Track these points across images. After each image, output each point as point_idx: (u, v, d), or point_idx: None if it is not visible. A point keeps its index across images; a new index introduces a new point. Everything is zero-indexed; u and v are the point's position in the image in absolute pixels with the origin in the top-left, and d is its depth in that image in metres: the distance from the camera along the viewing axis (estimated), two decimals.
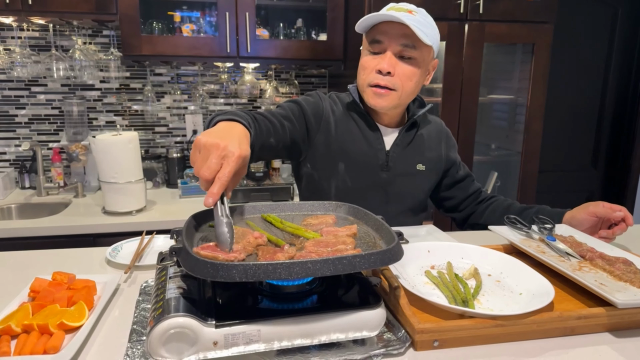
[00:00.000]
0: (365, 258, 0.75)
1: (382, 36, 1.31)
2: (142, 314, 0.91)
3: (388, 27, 1.30)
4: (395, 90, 1.34)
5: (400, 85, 1.33)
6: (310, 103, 1.43)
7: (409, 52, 1.31)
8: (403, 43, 1.30)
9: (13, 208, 2.39)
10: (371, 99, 1.36)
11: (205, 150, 0.85)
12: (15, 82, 2.58)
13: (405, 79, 1.33)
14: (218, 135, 0.88)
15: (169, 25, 2.51)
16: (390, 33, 1.30)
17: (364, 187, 1.44)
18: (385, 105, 1.36)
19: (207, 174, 0.82)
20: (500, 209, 1.52)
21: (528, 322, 0.84)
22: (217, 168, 0.83)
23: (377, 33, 1.32)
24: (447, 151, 1.56)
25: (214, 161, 0.83)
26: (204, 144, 0.85)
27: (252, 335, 0.73)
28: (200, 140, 0.86)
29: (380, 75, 1.33)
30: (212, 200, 0.81)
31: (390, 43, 1.31)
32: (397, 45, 1.31)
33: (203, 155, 0.85)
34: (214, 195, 0.81)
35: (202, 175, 0.82)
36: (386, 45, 1.32)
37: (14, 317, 0.83)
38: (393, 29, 1.30)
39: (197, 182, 2.46)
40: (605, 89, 3.36)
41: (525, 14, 2.44)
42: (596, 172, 3.49)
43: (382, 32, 1.31)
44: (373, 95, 1.35)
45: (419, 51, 1.32)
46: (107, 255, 1.21)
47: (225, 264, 0.70)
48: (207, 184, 0.83)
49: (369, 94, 1.36)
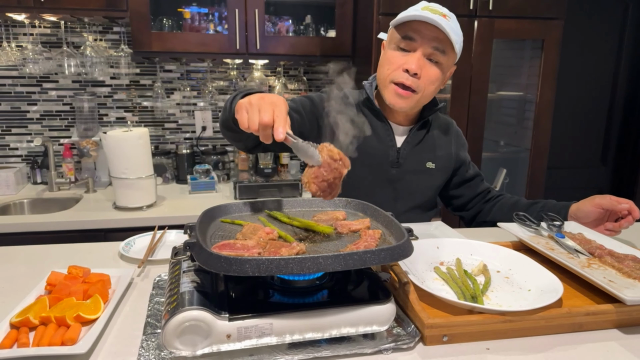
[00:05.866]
0: (376, 254, 0.76)
1: (416, 34, 1.31)
2: (156, 307, 0.93)
3: (423, 27, 1.30)
4: (417, 92, 1.34)
5: (423, 88, 1.34)
6: (323, 99, 1.44)
7: (438, 56, 1.32)
8: (435, 46, 1.31)
9: (25, 203, 2.43)
10: (391, 98, 1.37)
11: (254, 106, 0.91)
12: (27, 78, 2.61)
13: (429, 83, 1.34)
14: (258, 96, 0.94)
15: (179, 21, 2.53)
16: (424, 33, 1.30)
17: (373, 183, 1.45)
18: (405, 107, 1.37)
19: (268, 118, 0.88)
20: (507, 205, 1.53)
21: (536, 318, 0.84)
22: (272, 113, 0.89)
23: (410, 30, 1.32)
24: (457, 150, 1.56)
25: (268, 108, 0.89)
26: (249, 102, 0.92)
27: (265, 329, 0.75)
28: (244, 102, 0.93)
29: (406, 75, 1.33)
30: (282, 130, 0.87)
31: (423, 43, 1.31)
32: (429, 48, 1.31)
33: (253, 110, 0.91)
34: (283, 127, 0.88)
35: (263, 121, 0.88)
36: (418, 45, 1.32)
37: (32, 310, 0.85)
38: (427, 30, 1.30)
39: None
40: (615, 85, 3.34)
41: (535, 10, 2.43)
42: (605, 169, 3.47)
43: (416, 31, 1.31)
44: (394, 94, 1.36)
45: (447, 56, 1.33)
46: (120, 249, 1.23)
47: (238, 259, 0.71)
48: (268, 130, 0.89)
49: (390, 92, 1.36)
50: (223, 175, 2.75)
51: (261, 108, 0.89)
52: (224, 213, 1.03)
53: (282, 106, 0.91)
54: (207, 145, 2.87)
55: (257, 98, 0.93)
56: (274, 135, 0.88)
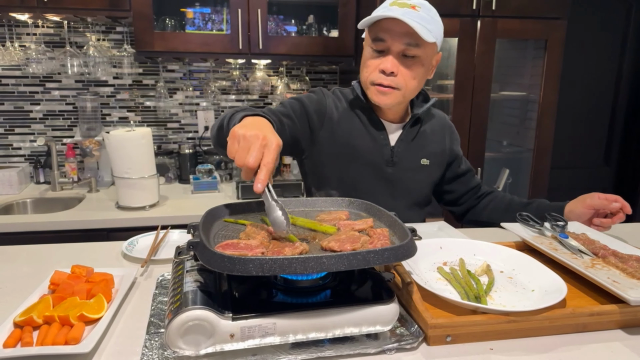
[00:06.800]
0: (379, 254, 0.76)
1: (385, 34, 1.29)
2: (159, 306, 0.93)
3: (391, 24, 1.27)
4: (398, 89, 1.33)
5: (403, 84, 1.33)
6: (313, 100, 1.43)
7: (413, 50, 1.29)
8: (407, 42, 1.28)
9: (28, 202, 2.43)
10: (375, 97, 1.36)
11: (246, 141, 0.88)
12: (30, 78, 2.61)
13: (408, 78, 1.33)
14: (254, 127, 0.91)
15: (182, 21, 2.53)
16: (394, 31, 1.27)
17: (370, 183, 1.44)
18: (389, 103, 1.36)
19: (253, 162, 0.85)
20: (501, 207, 1.54)
21: (540, 318, 0.84)
22: (260, 156, 0.86)
23: (380, 31, 1.30)
24: (451, 145, 1.56)
25: (257, 150, 0.86)
26: (243, 135, 0.88)
27: (268, 328, 0.75)
28: (239, 132, 0.89)
29: (383, 75, 1.32)
30: (261, 186, 0.85)
31: (394, 42, 1.28)
32: (401, 45, 1.28)
33: (243, 146, 0.88)
34: (263, 182, 0.85)
35: (248, 164, 0.85)
36: (389, 44, 1.29)
37: (36, 309, 0.86)
38: (396, 27, 1.27)
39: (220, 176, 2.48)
40: (618, 85, 3.33)
41: (538, 10, 2.42)
42: (609, 169, 3.46)
43: (385, 30, 1.29)
44: (376, 93, 1.35)
45: (423, 49, 1.30)
46: (123, 249, 1.23)
47: (242, 258, 0.71)
48: (251, 172, 0.87)
49: (372, 92, 1.36)
50: (225, 175, 2.75)
51: (252, 147, 0.86)
52: (227, 213, 1.03)
53: (273, 152, 0.88)
54: (210, 145, 2.87)
55: (252, 129, 0.90)
56: (253, 185, 0.86)
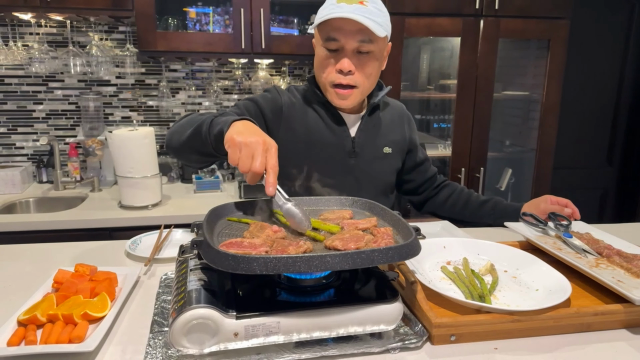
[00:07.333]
0: (384, 252, 0.75)
1: (337, 33, 1.26)
2: (163, 305, 0.93)
3: (342, 22, 1.24)
4: (357, 87, 1.32)
5: (361, 81, 1.32)
6: (267, 100, 1.41)
7: (367, 46, 1.27)
8: (360, 39, 1.26)
9: (31, 202, 2.43)
10: (335, 100, 1.35)
11: (248, 148, 0.91)
12: (33, 77, 2.62)
13: (365, 75, 1.32)
14: (251, 133, 0.94)
15: (184, 21, 2.53)
16: (345, 29, 1.25)
17: (334, 176, 1.40)
18: (350, 104, 1.36)
19: (260, 167, 0.90)
20: (459, 203, 1.57)
21: (544, 317, 0.84)
22: (265, 159, 0.91)
23: (331, 30, 1.26)
24: (410, 133, 1.57)
25: (261, 155, 0.90)
26: (244, 142, 0.91)
27: (272, 327, 0.75)
28: (238, 140, 0.92)
29: (341, 75, 1.30)
30: (272, 189, 0.90)
31: (347, 40, 1.26)
32: (355, 42, 1.26)
33: (246, 152, 0.91)
34: (273, 185, 0.90)
35: (255, 170, 0.90)
36: (343, 43, 1.27)
37: (39, 307, 0.86)
38: (348, 25, 1.24)
39: (211, 179, 2.49)
40: (621, 85, 3.32)
41: (541, 10, 2.42)
42: (611, 169, 3.45)
43: (337, 29, 1.26)
44: (337, 96, 1.34)
45: (376, 44, 1.28)
46: (126, 248, 1.23)
47: (246, 257, 0.71)
48: (257, 177, 0.91)
49: (332, 94, 1.35)
50: (228, 175, 2.76)
51: (255, 153, 0.90)
52: (230, 211, 1.03)
53: (275, 155, 0.92)
54: None
55: (250, 135, 0.92)
56: (265, 189, 0.91)
